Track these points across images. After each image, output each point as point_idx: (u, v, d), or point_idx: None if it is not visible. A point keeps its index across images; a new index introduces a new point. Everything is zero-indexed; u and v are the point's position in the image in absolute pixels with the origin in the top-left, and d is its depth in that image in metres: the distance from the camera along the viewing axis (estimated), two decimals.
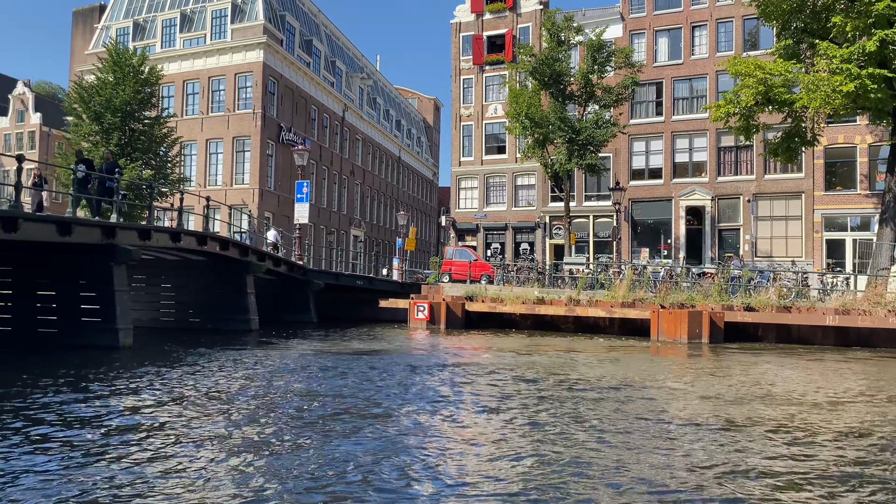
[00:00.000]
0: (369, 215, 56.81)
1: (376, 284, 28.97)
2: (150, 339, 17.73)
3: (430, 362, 13.78)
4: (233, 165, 40.91)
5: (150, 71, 33.47)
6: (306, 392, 9.77)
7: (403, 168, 65.84)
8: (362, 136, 55.03)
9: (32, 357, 13.04)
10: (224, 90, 41.34)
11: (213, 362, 12.61)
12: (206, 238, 18.11)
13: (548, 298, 24.63)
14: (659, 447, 6.75)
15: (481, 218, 41.68)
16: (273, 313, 25.45)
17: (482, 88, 42.34)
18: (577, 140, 28.57)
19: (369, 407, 8.59)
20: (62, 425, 7.22)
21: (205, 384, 10.17)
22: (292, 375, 11.52)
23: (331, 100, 49.24)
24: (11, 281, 15.06)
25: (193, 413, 8.03)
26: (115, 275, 14.11)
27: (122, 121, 32.10)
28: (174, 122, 40.68)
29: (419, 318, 24.73)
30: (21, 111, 53.88)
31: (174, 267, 21.39)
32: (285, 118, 42.44)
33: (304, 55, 45.68)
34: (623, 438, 7.07)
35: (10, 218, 11.60)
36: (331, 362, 13.19)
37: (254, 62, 40.37)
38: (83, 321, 14.30)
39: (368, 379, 11.08)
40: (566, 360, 14.76)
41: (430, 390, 10.09)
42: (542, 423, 7.77)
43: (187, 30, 42.99)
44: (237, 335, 19.19)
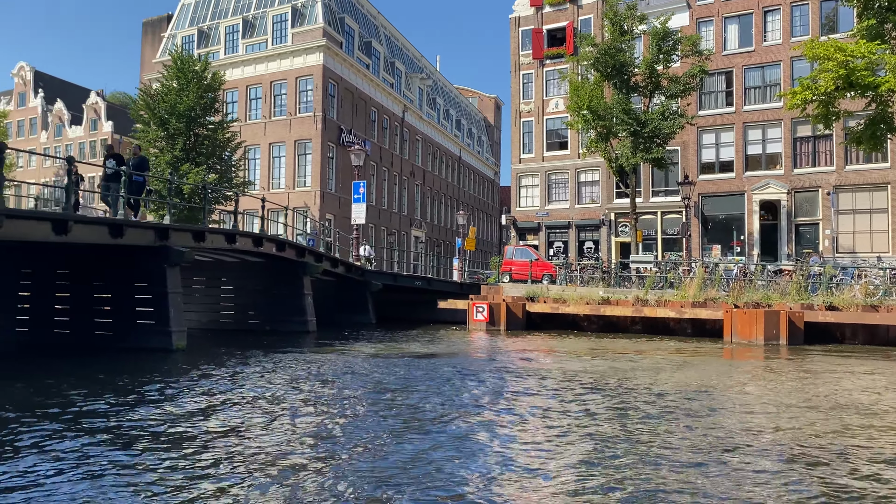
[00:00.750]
0: (430, 216, 56.52)
1: (435, 285, 28.49)
2: (206, 341, 17.67)
3: (489, 367, 13.05)
4: (295, 168, 41.19)
5: (213, 77, 33.94)
6: (362, 398, 9.27)
7: (464, 168, 65.32)
8: (422, 137, 54.79)
9: (86, 359, 13.02)
10: (286, 94, 41.65)
11: (265, 366, 12.28)
12: (261, 239, 17.94)
13: (613, 299, 23.69)
14: (746, 478, 5.89)
15: (543, 216, 40.74)
16: (332, 314, 25.26)
17: (542, 83, 41.40)
18: (642, 133, 27.39)
19: (428, 414, 8.04)
20: (108, 434, 6.90)
21: (255, 389, 9.79)
22: (348, 379, 11.05)
23: (390, 101, 49.15)
24: (70, 283, 15.17)
25: (239, 419, 7.66)
26: (169, 276, 14.01)
27: (186, 126, 32.65)
28: (238, 127, 41.39)
29: (478, 319, 24.11)
30: (94, 120, 55.81)
31: (233, 268, 21.40)
32: (345, 120, 42.49)
33: (363, 57, 45.71)
34: (700, 462, 6.26)
35: (61, 220, 11.55)
36: (388, 366, 12.67)
37: (314, 65, 40.54)
38: (137, 323, 14.26)
39: (427, 384, 10.48)
40: (634, 364, 13.86)
41: (489, 400, 9.31)
42: (610, 442, 6.97)
43: (249, 35, 43.53)
44: (294, 337, 18.98)
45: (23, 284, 15.68)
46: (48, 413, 7.83)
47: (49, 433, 6.84)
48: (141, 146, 15.61)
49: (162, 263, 13.98)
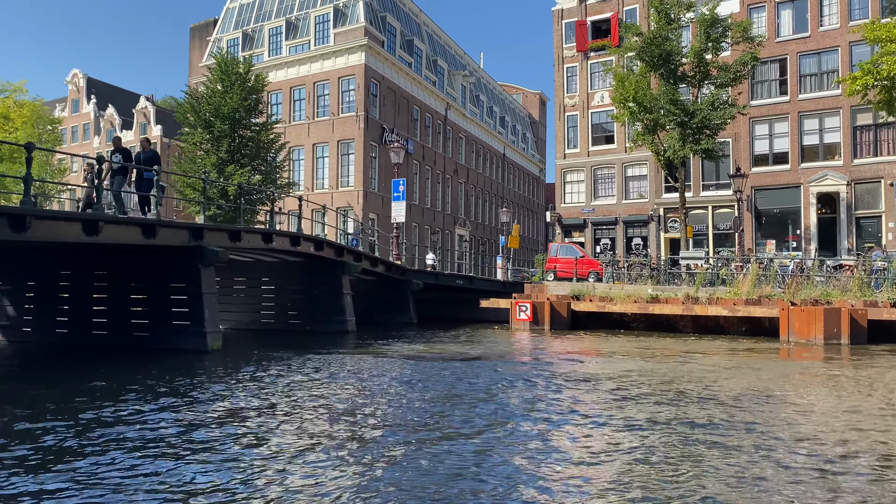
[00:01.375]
0: (474, 214, 56.02)
1: (476, 284, 27.99)
2: (244, 342, 17.53)
3: (533, 371, 12.36)
4: (338, 168, 41.18)
5: (256, 78, 34.10)
6: (397, 405, 8.74)
7: (508, 165, 64.61)
8: (465, 135, 54.32)
9: (120, 361, 12.91)
10: (328, 95, 41.66)
11: (298, 368, 11.89)
12: (298, 238, 17.72)
13: (662, 296, 22.85)
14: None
15: (589, 212, 39.86)
16: (372, 314, 25.02)
17: (587, 76, 40.50)
18: (690, 124, 26.37)
19: (468, 426, 7.46)
20: (138, 439, 6.64)
21: (284, 394, 9.35)
22: (382, 383, 10.53)
23: (433, 99, 48.82)
24: (107, 284, 15.16)
25: (272, 424, 7.33)
26: (203, 277, 13.85)
27: (230, 128, 32.88)
28: (282, 128, 41.66)
29: (521, 318, 23.53)
30: (144, 124, 56.94)
31: (274, 268, 21.29)
32: (388, 119, 42.30)
33: (405, 55, 45.48)
34: (769, 484, 5.64)
35: (91, 220, 11.44)
36: (425, 369, 12.15)
37: (355, 65, 40.43)
38: (173, 324, 14.15)
39: (467, 390, 9.88)
40: (687, 367, 13.08)
41: (533, 409, 8.56)
42: (664, 454, 6.38)
43: (292, 37, 43.70)
44: (333, 336, 18.74)
45: (62, 286, 15.75)
46: (71, 421, 7.61)
47: (62, 441, 6.60)
48: (150, 140, 15.18)
49: (196, 263, 13.83)
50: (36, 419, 7.57)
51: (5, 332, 16.32)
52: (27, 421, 7.49)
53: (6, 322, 16.34)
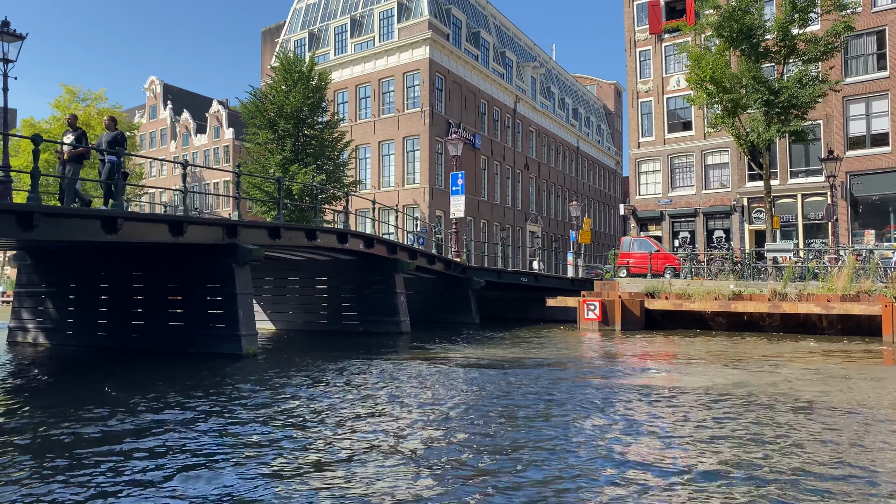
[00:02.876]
0: (546, 209, 54.33)
1: (543, 281, 26.51)
2: (289, 345, 16.79)
3: (602, 381, 10.69)
4: (404, 166, 40.45)
5: (319, 76, 33.76)
6: (439, 425, 7.41)
7: (582, 158, 62.49)
8: (536, 128, 52.70)
9: (146, 367, 12.23)
10: (393, 91, 41.00)
11: (334, 379, 10.75)
12: (345, 235, 16.81)
13: (746, 293, 20.91)
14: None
15: (666, 204, 37.57)
16: (433, 314, 24.02)
17: (661, 60, 38.21)
18: (775, 103, 24.01)
19: (527, 462, 6.04)
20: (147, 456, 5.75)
21: (302, 416, 7.97)
22: (429, 397, 9.12)
23: (501, 92, 47.50)
24: (143, 286, 14.66)
25: (273, 460, 6.24)
26: (237, 276, 13.08)
27: (294, 127, 32.68)
28: (348, 127, 41.31)
29: (589, 318, 22.00)
30: (217, 128, 57.94)
31: (327, 268, 20.55)
32: (454, 114, 41.25)
33: (471, 48, 44.34)
34: None
35: (110, 218, 10.78)
36: (481, 378, 10.76)
37: (420, 59, 39.60)
38: (208, 328, 13.46)
39: (526, 406, 8.44)
40: (780, 374, 11.28)
41: (604, 434, 6.90)
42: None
43: (357, 34, 43.27)
44: (386, 338, 17.77)
45: (102, 287, 15.37)
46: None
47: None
48: (115, 118, 13.90)
49: (230, 262, 13.08)
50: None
51: (49, 335, 16.10)
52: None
53: (50, 325, 16.13)
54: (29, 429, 7.24)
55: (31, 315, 16.42)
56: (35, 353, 14.75)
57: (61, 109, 49.99)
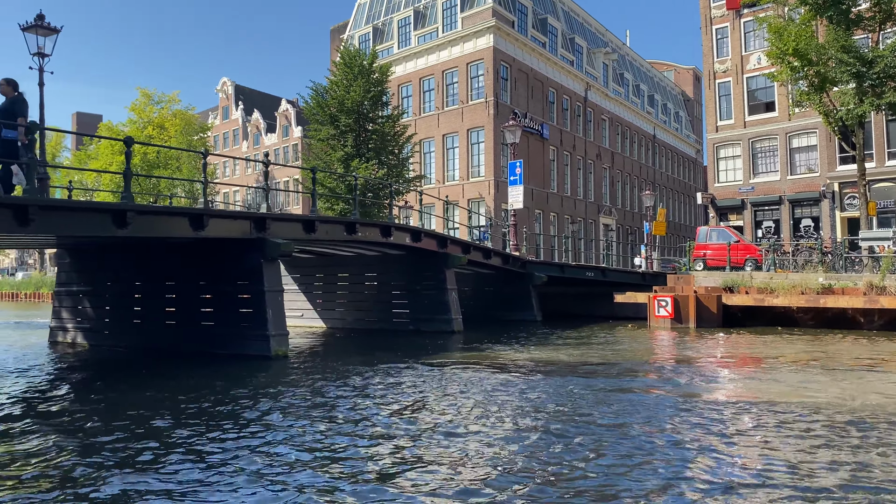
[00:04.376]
0: (620, 201, 52.15)
1: (610, 276, 24.84)
2: (329, 345, 15.93)
3: (675, 390, 9.19)
4: (468, 159, 39.43)
5: (380, 69, 33.16)
6: (486, 451, 6.10)
7: (659, 147, 59.78)
8: (609, 116, 50.61)
9: (169, 371, 11.57)
10: (457, 83, 40.02)
11: (364, 387, 9.60)
12: (389, 228, 15.82)
13: (837, 286, 18.89)
14: None
15: (747, 192, 35.00)
16: (492, 311, 22.86)
17: (740, 36, 35.60)
18: (869, 74, 21.57)
19: (593, 481, 5.04)
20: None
21: (313, 438, 6.76)
22: (473, 414, 7.56)
23: (570, 80, 45.74)
24: (175, 284, 14.10)
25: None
26: (266, 272, 12.30)
27: (355, 122, 32.21)
28: (412, 121, 40.64)
29: (661, 315, 20.35)
30: (286, 126, 58.39)
31: (375, 263, 19.69)
32: (520, 104, 39.88)
33: (538, 35, 42.80)
34: None
35: (119, 211, 10.12)
36: (536, 385, 9.44)
37: (484, 48, 38.45)
38: (236, 327, 12.73)
39: (590, 421, 7.11)
40: (888, 382, 9.57)
41: (685, 468, 5.49)
42: None
43: (421, 26, 42.50)
44: (436, 338, 16.72)
45: (136, 286, 14.95)
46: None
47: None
48: (15, 81, 10.10)
49: (259, 258, 12.30)
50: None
51: (87, 335, 15.83)
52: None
53: (87, 325, 15.86)
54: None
55: (70, 315, 16.23)
56: (73, 355, 14.43)
57: (137, 112, 51.37)
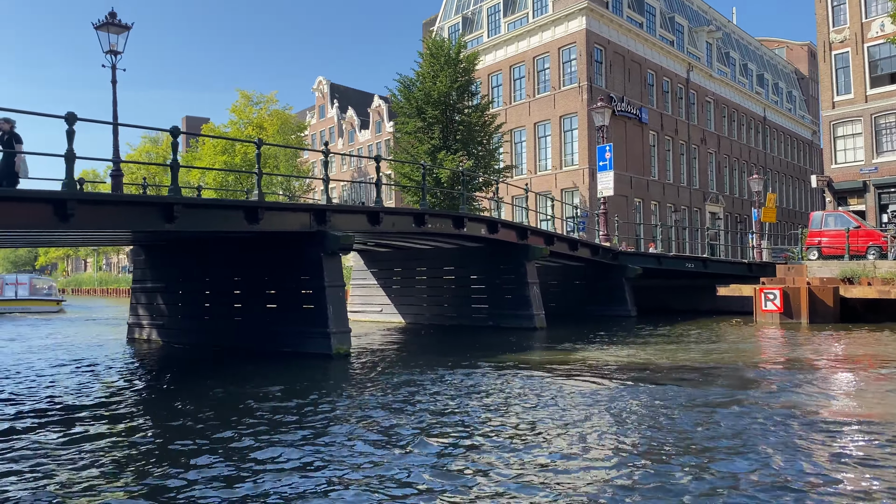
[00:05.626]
0: (728, 188, 49.07)
1: (712, 267, 22.89)
2: (402, 342, 15.22)
3: (796, 406, 7.51)
4: (561, 147, 38.02)
5: (467, 58, 32.40)
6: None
7: (770, 129, 55.85)
8: (713, 98, 47.64)
9: (212, 374, 11.14)
10: (549, 69, 38.67)
11: (427, 393, 8.67)
12: (462, 220, 14.92)
13: None
14: None
15: (870, 172, 31.67)
16: (582, 306, 21.60)
17: (859, 2, 32.24)
18: None
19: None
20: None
21: (379, 444, 6.13)
22: (561, 429, 6.53)
23: (671, 61, 43.30)
24: (240, 280, 13.78)
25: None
26: (326, 267, 11.71)
27: (442, 113, 31.65)
28: (503, 111, 39.67)
29: (768, 309, 18.51)
30: (378, 122, 58.60)
31: (454, 256, 18.86)
32: (616, 88, 38.03)
33: (634, 15, 40.71)
34: None
35: (166, 205, 9.74)
36: (631, 397, 8.09)
37: (576, 31, 36.92)
38: (298, 324, 12.22)
39: (701, 445, 5.91)
40: None
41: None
42: None
43: (510, 13, 41.41)
44: (516, 335, 15.72)
45: (205, 283, 14.76)
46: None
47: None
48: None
49: (319, 251, 11.72)
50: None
51: (161, 332, 15.84)
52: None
53: (160, 321, 15.87)
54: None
55: (145, 312, 16.34)
56: (143, 354, 14.42)
57: (238, 113, 52.84)
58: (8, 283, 34.81)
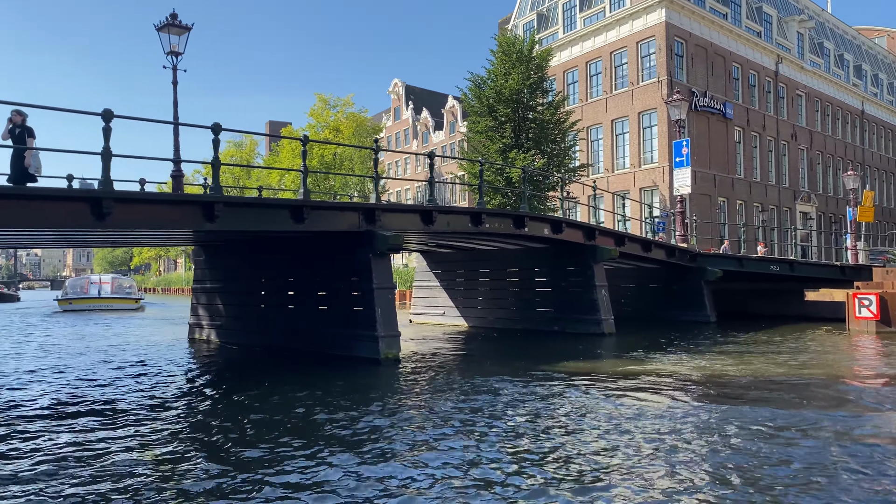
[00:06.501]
0: (821, 186, 46.21)
1: (799, 270, 21.21)
2: (459, 348, 14.62)
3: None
4: (640, 144, 36.66)
5: (540, 55, 31.63)
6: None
7: (870, 124, 52.32)
8: (805, 91, 44.96)
9: (270, 378, 10.80)
10: (626, 64, 37.39)
11: (472, 404, 7.96)
12: (522, 219, 14.16)
13: None
14: None
15: None
16: (655, 310, 20.48)
17: None
18: None
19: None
20: None
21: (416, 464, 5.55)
22: (629, 464, 5.66)
23: (758, 53, 41.11)
24: (293, 282, 13.49)
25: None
26: (375, 268, 11.25)
27: (513, 111, 31.01)
28: (578, 108, 38.62)
29: (863, 316, 16.96)
30: (452, 123, 58.24)
31: (517, 258, 18.12)
32: (698, 82, 36.37)
33: (717, 6, 38.84)
34: None
35: (207, 204, 9.48)
36: (712, 422, 7.09)
37: (655, 24, 35.53)
38: (347, 327, 11.81)
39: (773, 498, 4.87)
40: None
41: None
42: None
43: (587, 7, 40.31)
44: (583, 341, 14.87)
45: (260, 283, 14.58)
46: None
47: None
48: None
49: (367, 252, 11.26)
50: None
51: (219, 333, 15.79)
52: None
53: (218, 322, 15.81)
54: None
55: (204, 312, 16.36)
56: (201, 354, 14.38)
57: (315, 117, 53.56)
58: (93, 283, 37.38)
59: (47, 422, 7.55)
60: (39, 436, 6.82)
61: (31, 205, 7.91)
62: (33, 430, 7.15)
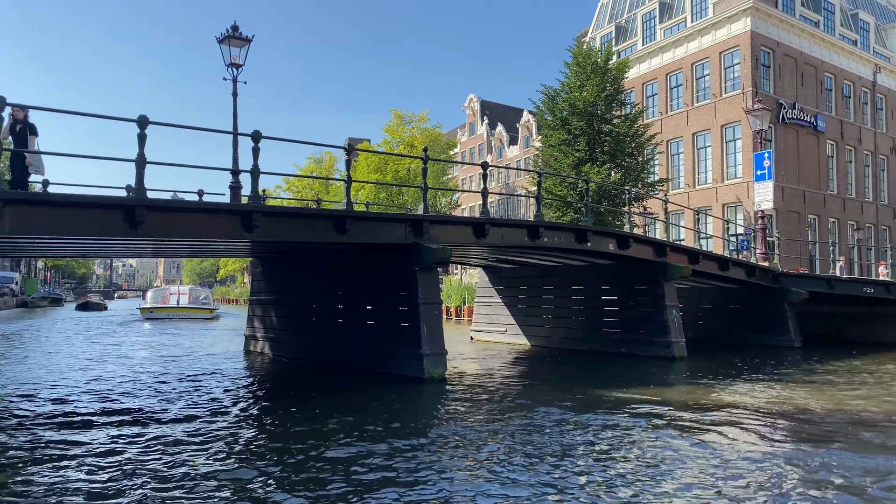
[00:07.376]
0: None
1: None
2: (515, 368, 13.84)
3: None
4: (722, 158, 35.02)
5: (617, 66, 30.68)
6: None
7: None
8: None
9: (303, 391, 10.38)
10: (708, 75, 35.88)
11: (539, 437, 7.13)
12: (584, 233, 13.32)
13: None
14: None
15: None
16: (733, 332, 19.14)
17: None
18: None
19: None
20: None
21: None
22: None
23: (853, 62, 38.76)
24: (344, 296, 13.11)
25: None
26: (420, 282, 10.72)
27: (588, 124, 30.16)
28: (658, 121, 37.34)
29: None
30: (527, 137, 57.52)
31: (582, 274, 17.22)
32: (787, 93, 34.52)
33: (808, 13, 36.85)
34: None
35: (245, 213, 9.18)
36: (765, 460, 6.33)
37: (739, 34, 34.00)
38: (393, 344, 11.31)
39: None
40: None
41: None
42: None
43: (667, 18, 39.06)
44: (651, 365, 13.87)
45: (312, 297, 14.28)
46: None
47: None
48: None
49: (413, 265, 10.75)
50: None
51: (273, 346, 15.59)
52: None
53: (272, 335, 15.62)
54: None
55: (259, 324, 16.24)
56: (254, 367, 14.18)
57: (391, 133, 53.87)
58: (172, 294, 39.18)
59: (69, 431, 7.35)
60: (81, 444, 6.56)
61: (61, 212, 7.80)
62: (57, 439, 6.97)
